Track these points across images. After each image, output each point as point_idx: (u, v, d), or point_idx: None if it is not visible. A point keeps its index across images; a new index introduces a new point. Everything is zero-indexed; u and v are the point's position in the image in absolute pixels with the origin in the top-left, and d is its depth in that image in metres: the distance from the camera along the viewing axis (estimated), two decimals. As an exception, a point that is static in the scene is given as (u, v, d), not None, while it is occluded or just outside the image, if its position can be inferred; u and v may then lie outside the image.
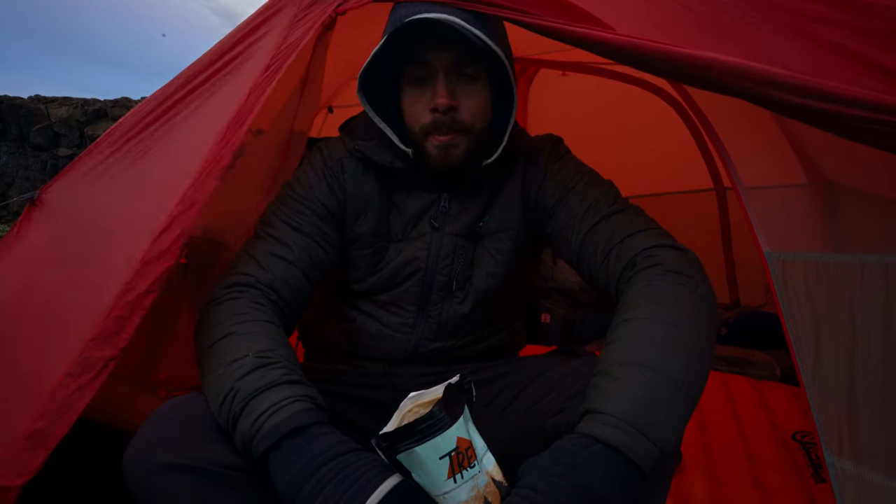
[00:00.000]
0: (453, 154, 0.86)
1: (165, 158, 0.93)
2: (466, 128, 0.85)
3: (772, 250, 0.92)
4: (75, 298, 0.81)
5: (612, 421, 0.59)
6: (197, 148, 0.84)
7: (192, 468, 0.64)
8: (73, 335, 0.73)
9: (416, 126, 0.86)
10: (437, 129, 0.84)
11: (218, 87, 0.94)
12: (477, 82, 0.86)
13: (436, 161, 0.87)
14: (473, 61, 0.84)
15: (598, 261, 0.82)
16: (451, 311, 0.94)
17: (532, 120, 2.64)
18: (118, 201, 0.94)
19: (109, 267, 0.78)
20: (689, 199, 2.54)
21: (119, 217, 0.91)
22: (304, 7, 0.93)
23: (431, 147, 0.86)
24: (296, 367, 0.72)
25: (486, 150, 0.88)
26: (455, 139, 0.85)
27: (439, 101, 0.82)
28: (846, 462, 0.86)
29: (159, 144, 0.95)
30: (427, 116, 0.84)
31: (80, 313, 0.76)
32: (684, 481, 1.32)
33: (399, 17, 0.82)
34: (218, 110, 0.88)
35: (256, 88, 0.86)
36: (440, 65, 0.83)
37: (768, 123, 1.00)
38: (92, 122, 10.02)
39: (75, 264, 0.88)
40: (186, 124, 0.94)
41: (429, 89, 0.84)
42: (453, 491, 0.58)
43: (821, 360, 0.88)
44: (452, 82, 0.84)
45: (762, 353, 2.03)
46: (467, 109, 0.85)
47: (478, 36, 0.78)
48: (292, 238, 0.87)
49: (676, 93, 1.80)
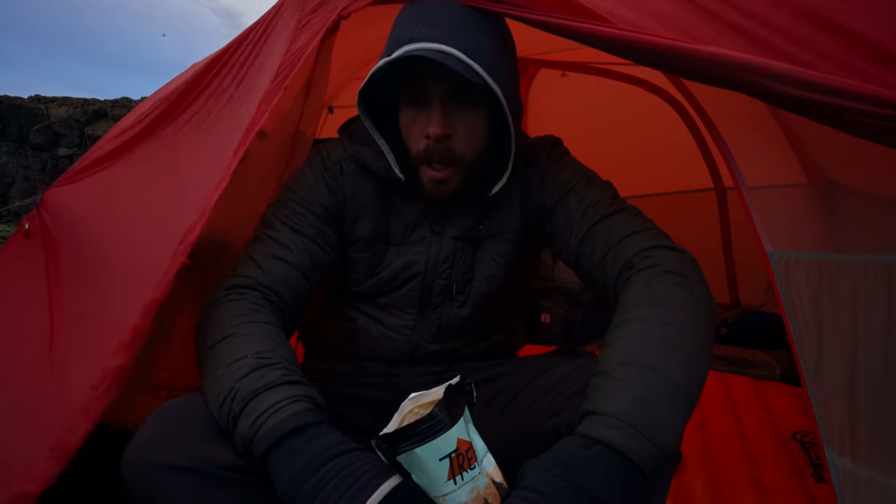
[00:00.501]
0: (445, 189, 0.86)
1: (183, 168, 0.93)
2: (459, 159, 0.84)
3: (774, 250, 0.92)
4: (94, 308, 0.82)
5: (612, 422, 0.59)
6: (215, 157, 0.84)
7: (191, 469, 0.64)
8: (92, 347, 0.74)
9: (411, 148, 0.85)
10: (430, 159, 0.83)
11: (231, 96, 0.95)
12: (475, 109, 0.84)
13: (429, 192, 0.87)
14: (471, 89, 0.81)
15: (596, 262, 0.82)
16: (451, 314, 0.94)
17: (532, 120, 2.64)
18: (136, 211, 0.94)
19: (130, 277, 0.79)
20: (689, 199, 2.53)
21: (138, 227, 0.91)
22: (309, 12, 0.94)
23: (424, 178, 0.86)
24: (295, 368, 0.72)
25: (483, 177, 0.88)
26: (448, 175, 0.84)
27: (431, 131, 0.80)
28: (847, 460, 0.86)
29: (173, 154, 0.95)
30: (421, 142, 0.83)
31: (98, 324, 0.77)
32: (684, 481, 1.32)
33: (397, 38, 0.80)
34: (232, 120, 0.89)
35: (267, 97, 0.87)
36: (436, 93, 0.81)
37: (769, 123, 1.00)
38: (92, 122, 10.02)
39: (90, 272, 0.88)
40: (203, 134, 0.95)
41: (424, 114, 0.82)
42: (453, 492, 0.58)
43: (823, 359, 0.88)
44: (448, 108, 0.82)
45: (762, 353, 2.03)
46: (462, 138, 0.83)
47: (475, 71, 0.77)
48: (292, 240, 0.87)
49: (678, 92, 1.79)
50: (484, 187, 0.89)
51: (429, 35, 0.77)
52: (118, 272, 0.84)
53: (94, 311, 0.83)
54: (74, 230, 0.95)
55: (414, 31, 0.79)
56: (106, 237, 0.93)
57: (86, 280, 0.89)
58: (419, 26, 0.79)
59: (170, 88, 1.05)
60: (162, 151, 0.96)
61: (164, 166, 0.95)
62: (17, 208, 6.77)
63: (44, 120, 10.04)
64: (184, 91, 0.98)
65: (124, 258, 0.86)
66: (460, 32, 0.78)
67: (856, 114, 0.56)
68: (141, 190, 0.95)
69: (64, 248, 0.93)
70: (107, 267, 0.87)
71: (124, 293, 0.77)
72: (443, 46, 0.76)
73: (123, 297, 0.76)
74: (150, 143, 0.98)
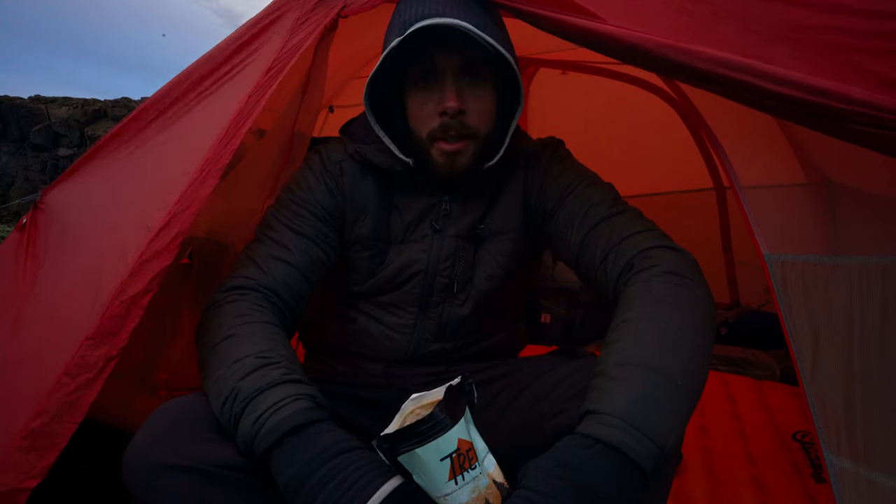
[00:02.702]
0: (460, 161, 0.86)
1: (164, 159, 0.93)
2: (474, 133, 0.85)
3: (771, 252, 0.92)
4: (72, 298, 0.81)
5: (613, 421, 0.59)
6: (197, 148, 0.84)
7: (191, 469, 0.64)
8: (70, 335, 0.74)
9: (422, 130, 0.85)
10: (445, 134, 0.83)
11: (219, 88, 0.94)
12: (484, 84, 0.85)
13: (442, 168, 0.87)
14: (481, 64, 0.83)
15: (597, 263, 0.82)
16: (451, 313, 0.94)
17: (532, 119, 2.64)
18: (116, 201, 0.95)
19: (106, 266, 0.79)
20: (689, 199, 2.53)
21: (116, 216, 0.91)
22: (308, 11, 0.93)
23: (437, 154, 0.85)
24: (296, 367, 0.72)
25: (489, 153, 0.88)
26: (463, 146, 0.84)
27: (449, 105, 0.81)
28: (845, 460, 0.86)
29: (159, 145, 0.95)
30: (435, 120, 0.83)
31: (77, 313, 0.76)
32: (684, 481, 1.32)
33: (406, 19, 0.80)
34: (219, 111, 0.88)
35: (258, 90, 0.86)
36: (448, 68, 0.82)
37: (767, 121, 1.00)
38: (92, 123, 10.01)
39: (72, 264, 0.88)
40: (186, 125, 0.94)
41: (436, 92, 0.83)
42: (454, 492, 0.58)
43: (820, 361, 0.88)
44: (460, 85, 0.83)
45: (762, 353, 2.03)
46: (475, 113, 0.84)
47: (486, 41, 0.78)
48: (292, 241, 0.87)
49: (673, 92, 1.80)
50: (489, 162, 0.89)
51: (440, 11, 0.78)
52: (96, 260, 0.83)
53: (64, 302, 0.83)
54: (57, 225, 0.96)
55: (423, 9, 0.79)
56: (82, 230, 0.93)
57: (61, 271, 0.89)
58: (428, 4, 0.80)
59: (167, 86, 1.05)
60: (141, 146, 0.96)
61: (139, 160, 0.95)
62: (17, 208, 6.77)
63: (44, 120, 10.03)
64: (179, 89, 0.98)
65: (97, 249, 0.86)
66: (468, 10, 0.80)
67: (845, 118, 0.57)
68: (117, 183, 0.96)
69: (45, 237, 0.94)
70: (86, 255, 0.87)
71: (96, 285, 0.77)
72: (456, 21, 0.77)
73: (95, 289, 0.76)
74: (132, 139, 0.98)
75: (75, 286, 0.83)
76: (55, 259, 0.92)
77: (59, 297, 0.85)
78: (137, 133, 0.98)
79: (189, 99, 0.96)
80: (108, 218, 0.93)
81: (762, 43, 0.65)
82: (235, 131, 0.83)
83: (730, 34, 0.68)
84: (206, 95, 0.95)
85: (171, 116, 0.96)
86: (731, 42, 0.66)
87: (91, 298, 0.76)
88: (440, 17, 0.77)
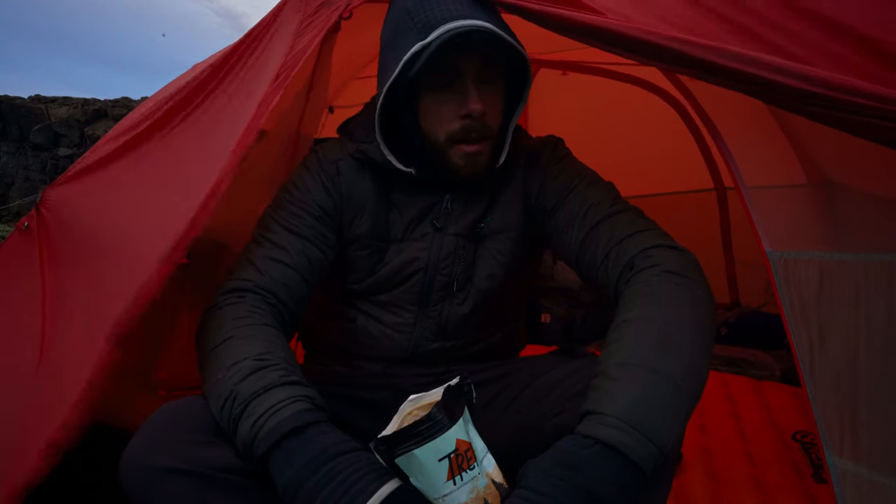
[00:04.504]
0: (480, 162, 0.86)
1: (179, 168, 0.93)
2: (492, 133, 0.85)
3: (774, 249, 0.92)
4: (87, 302, 0.82)
5: (612, 421, 0.58)
6: (212, 159, 0.84)
7: (189, 472, 0.64)
8: (88, 344, 0.74)
9: (440, 133, 0.84)
10: (467, 136, 0.83)
11: (230, 97, 0.95)
12: (496, 84, 0.85)
13: (464, 170, 0.86)
14: (496, 65, 0.83)
15: (598, 262, 0.81)
16: (451, 311, 0.94)
17: (532, 119, 2.64)
18: (132, 206, 0.94)
19: (124, 273, 0.79)
20: (689, 199, 2.53)
21: (134, 221, 0.91)
22: (310, 13, 0.93)
23: (458, 157, 0.85)
24: (295, 369, 0.71)
25: (495, 151, 0.88)
26: (483, 147, 0.85)
27: (474, 108, 0.80)
28: (846, 461, 0.86)
29: (171, 153, 0.95)
30: (455, 123, 0.82)
31: (93, 318, 0.77)
32: (684, 481, 1.32)
33: (426, 22, 0.77)
34: (232, 120, 0.89)
35: (267, 98, 0.87)
36: (470, 70, 0.81)
37: (769, 122, 1.00)
38: (92, 122, 10.00)
39: (86, 268, 0.88)
40: (200, 134, 0.94)
41: (455, 94, 0.82)
42: (453, 493, 0.58)
43: (822, 359, 0.88)
44: (479, 86, 0.82)
45: (762, 353, 2.03)
46: (492, 113, 0.84)
47: (510, 43, 0.78)
48: (290, 242, 0.87)
49: (678, 91, 1.79)
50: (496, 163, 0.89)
51: (462, 13, 0.77)
52: (112, 268, 0.83)
53: (89, 306, 0.82)
54: (72, 228, 0.95)
55: (444, 11, 0.78)
56: (103, 235, 0.93)
57: (82, 276, 0.88)
58: (446, 6, 0.78)
59: (171, 90, 1.05)
60: (159, 152, 0.96)
61: (160, 166, 0.95)
62: (18, 208, 6.76)
63: (44, 120, 10.02)
64: (186, 94, 0.98)
65: (119, 255, 0.86)
66: (482, 10, 0.79)
67: (852, 110, 0.56)
68: (137, 189, 0.96)
69: (61, 246, 0.93)
70: (102, 263, 0.87)
71: (118, 288, 0.77)
72: (483, 23, 0.76)
73: (118, 293, 0.76)
74: (149, 144, 0.98)
75: (89, 288, 0.84)
76: (66, 261, 0.92)
77: (72, 301, 0.85)
78: (148, 139, 0.98)
79: (204, 105, 0.97)
80: (125, 222, 0.92)
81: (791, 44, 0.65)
82: (246, 139, 0.84)
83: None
84: (219, 104, 0.96)
85: (187, 122, 0.97)
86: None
87: (105, 301, 0.77)
88: (463, 19, 0.76)
